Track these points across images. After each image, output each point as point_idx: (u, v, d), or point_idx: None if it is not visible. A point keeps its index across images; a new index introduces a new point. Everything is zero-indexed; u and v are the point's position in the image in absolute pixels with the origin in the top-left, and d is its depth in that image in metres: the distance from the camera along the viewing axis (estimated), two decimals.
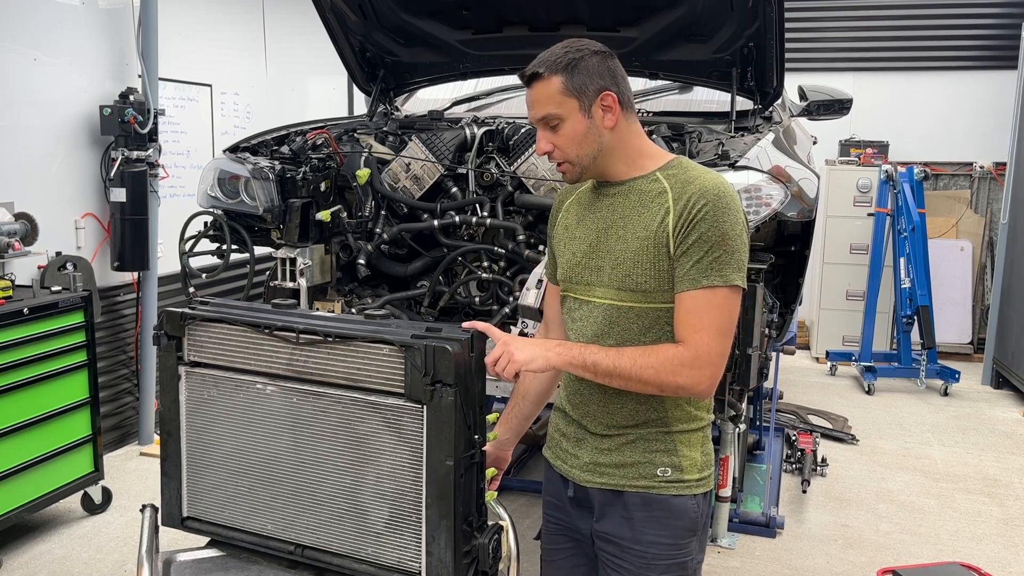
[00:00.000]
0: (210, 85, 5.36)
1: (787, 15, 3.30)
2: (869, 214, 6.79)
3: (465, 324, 1.79)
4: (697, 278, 1.67)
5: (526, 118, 3.60)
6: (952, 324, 7.09)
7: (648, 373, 1.67)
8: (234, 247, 3.25)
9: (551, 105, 1.74)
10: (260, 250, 3.30)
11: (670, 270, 1.71)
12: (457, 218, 3.19)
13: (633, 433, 1.80)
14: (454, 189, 3.25)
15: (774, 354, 4.61)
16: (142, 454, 4.72)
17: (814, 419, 5.50)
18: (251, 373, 1.88)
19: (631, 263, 1.74)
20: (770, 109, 3.60)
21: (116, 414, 4.74)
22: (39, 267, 4.05)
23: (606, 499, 1.83)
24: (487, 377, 1.79)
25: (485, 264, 3.24)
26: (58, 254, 4.12)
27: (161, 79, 4.67)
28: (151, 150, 4.47)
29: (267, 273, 3.32)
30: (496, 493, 1.87)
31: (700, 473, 1.82)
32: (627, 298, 1.75)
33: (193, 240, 3.29)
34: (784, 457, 4.72)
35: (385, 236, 3.26)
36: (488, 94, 4.25)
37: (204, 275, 3.42)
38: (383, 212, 3.31)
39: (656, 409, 1.79)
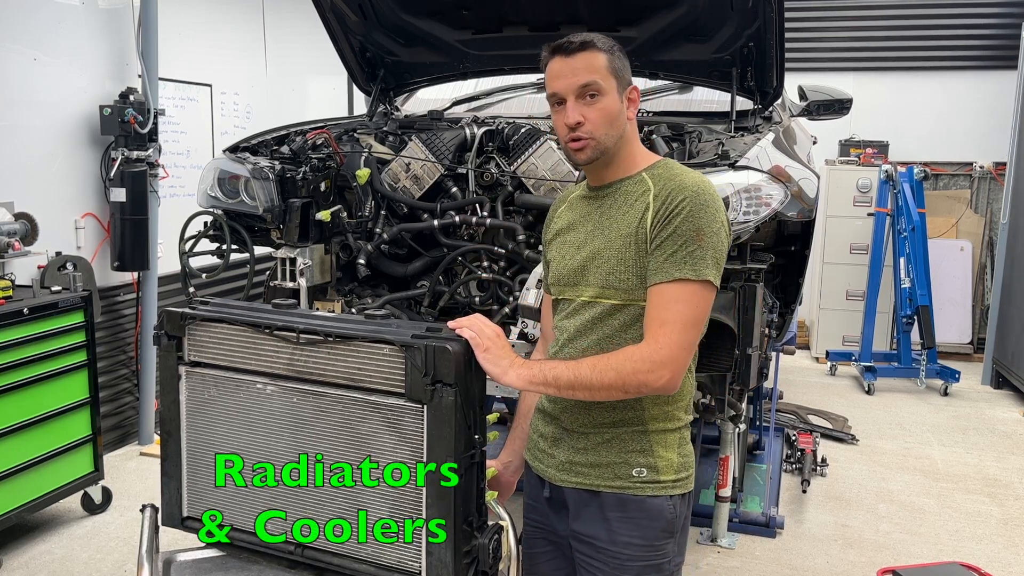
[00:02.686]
0: (210, 85, 5.37)
1: (787, 15, 3.30)
2: (869, 214, 6.79)
3: (451, 323, 1.76)
4: (669, 271, 1.68)
5: (526, 118, 3.62)
6: (952, 324, 7.10)
7: (609, 376, 1.66)
8: (234, 247, 3.25)
9: (597, 75, 1.73)
10: (260, 250, 3.30)
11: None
12: (457, 218, 3.19)
13: (609, 432, 1.81)
14: (454, 189, 3.25)
15: (774, 354, 4.61)
16: (142, 454, 4.72)
17: (814, 419, 5.50)
18: (251, 373, 1.88)
19: (615, 261, 1.76)
20: (770, 109, 3.60)
21: (116, 414, 4.74)
22: (39, 267, 4.05)
23: (581, 499, 1.84)
24: (487, 377, 1.80)
25: (485, 264, 3.24)
26: (58, 254, 4.12)
27: (161, 79, 4.67)
28: (151, 150, 4.47)
29: (267, 273, 3.32)
30: (496, 493, 1.87)
31: (676, 474, 1.81)
32: (611, 295, 1.77)
33: (193, 240, 3.29)
34: (784, 457, 4.72)
35: (385, 236, 3.26)
36: (488, 94, 4.25)
37: (204, 275, 3.42)
38: (383, 212, 3.31)
39: (633, 407, 1.79)
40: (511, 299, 3.16)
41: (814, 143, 4.82)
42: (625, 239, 1.75)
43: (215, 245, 3.36)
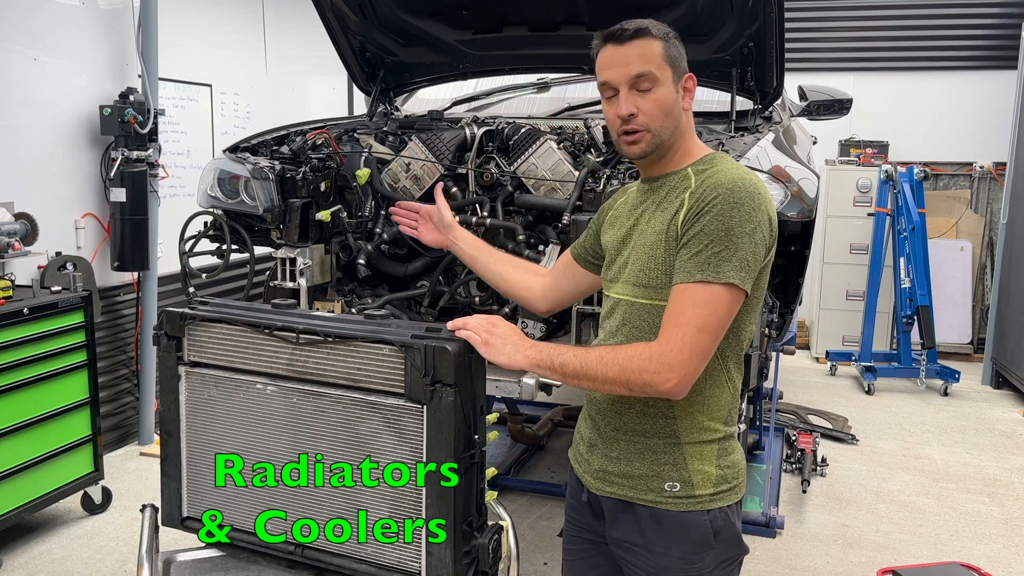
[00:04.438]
0: (210, 85, 5.37)
1: (787, 15, 3.30)
2: (869, 214, 6.79)
3: (449, 325, 1.77)
4: (692, 271, 1.60)
5: (526, 118, 3.62)
6: (952, 324, 7.09)
7: (614, 371, 1.60)
8: (234, 247, 3.26)
9: (652, 64, 1.67)
10: (260, 250, 3.30)
11: None
12: (457, 218, 3.18)
13: (640, 443, 1.74)
14: (454, 189, 3.25)
15: (774, 354, 4.61)
16: (142, 454, 4.72)
17: (814, 419, 5.50)
18: (251, 373, 1.88)
19: (647, 257, 1.70)
20: (770, 109, 3.60)
21: (116, 414, 4.74)
22: (39, 267, 4.05)
23: (617, 507, 1.79)
24: (487, 377, 1.80)
25: None
26: (58, 254, 4.12)
27: (161, 79, 4.67)
28: (151, 150, 4.47)
29: (267, 273, 3.32)
30: (496, 493, 1.88)
31: (716, 487, 1.72)
32: (641, 294, 1.71)
33: (193, 240, 3.29)
34: (784, 457, 4.72)
35: (385, 236, 3.26)
36: (488, 94, 4.25)
37: (204, 275, 3.42)
38: (383, 212, 3.31)
39: (665, 416, 1.71)
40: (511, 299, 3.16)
41: (814, 143, 4.82)
42: (658, 235, 1.68)
43: (215, 245, 3.36)
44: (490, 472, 1.85)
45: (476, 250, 2.15)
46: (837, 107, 4.55)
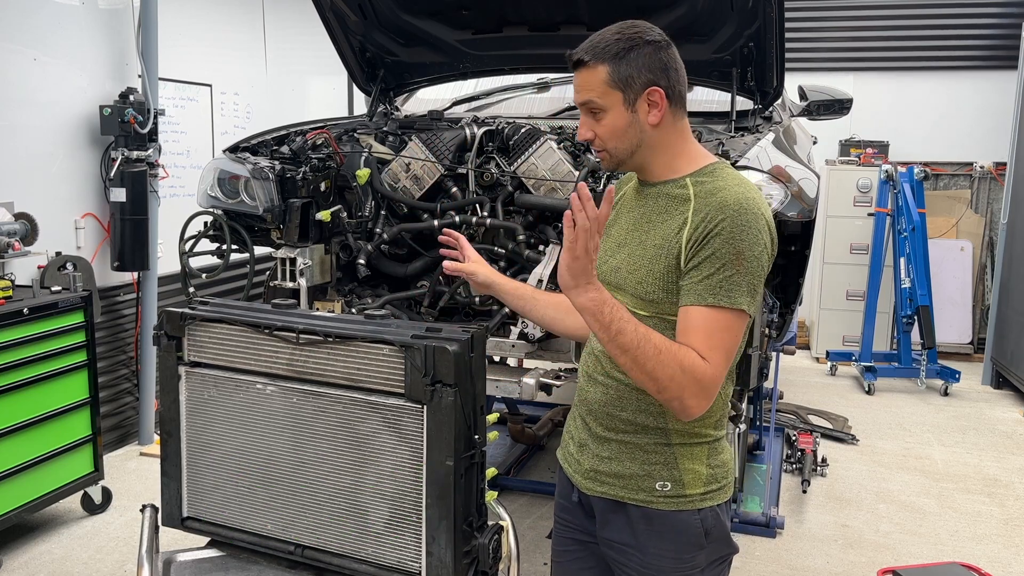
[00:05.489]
0: (210, 85, 5.37)
1: (787, 15, 3.30)
2: (869, 214, 6.79)
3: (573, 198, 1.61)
4: (703, 295, 1.59)
5: (526, 118, 3.62)
6: (952, 324, 7.09)
7: (664, 372, 1.55)
8: (234, 247, 3.26)
9: (593, 93, 1.68)
10: (260, 250, 3.30)
11: (678, 283, 1.64)
12: (457, 218, 3.19)
13: (631, 443, 1.74)
14: (454, 189, 3.25)
15: (774, 354, 4.61)
16: (142, 454, 4.72)
17: (814, 419, 5.50)
18: (251, 373, 1.88)
19: (644, 270, 1.69)
20: (770, 109, 3.61)
21: (116, 414, 4.74)
22: (39, 267, 4.05)
23: (608, 508, 1.79)
24: (487, 377, 1.79)
25: None
26: (58, 254, 4.13)
27: (161, 79, 4.67)
28: (151, 150, 4.47)
29: (267, 273, 3.32)
30: (496, 493, 1.88)
31: (706, 487, 1.73)
32: (641, 307, 1.70)
33: (193, 240, 3.30)
34: (784, 457, 4.72)
35: (385, 236, 3.26)
36: (488, 94, 4.25)
37: (204, 275, 3.42)
38: (383, 212, 3.31)
39: (656, 417, 1.72)
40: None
41: (814, 143, 4.82)
42: (657, 249, 1.67)
43: (215, 245, 3.36)
44: (490, 472, 1.85)
45: (522, 299, 2.01)
46: (837, 107, 4.55)
